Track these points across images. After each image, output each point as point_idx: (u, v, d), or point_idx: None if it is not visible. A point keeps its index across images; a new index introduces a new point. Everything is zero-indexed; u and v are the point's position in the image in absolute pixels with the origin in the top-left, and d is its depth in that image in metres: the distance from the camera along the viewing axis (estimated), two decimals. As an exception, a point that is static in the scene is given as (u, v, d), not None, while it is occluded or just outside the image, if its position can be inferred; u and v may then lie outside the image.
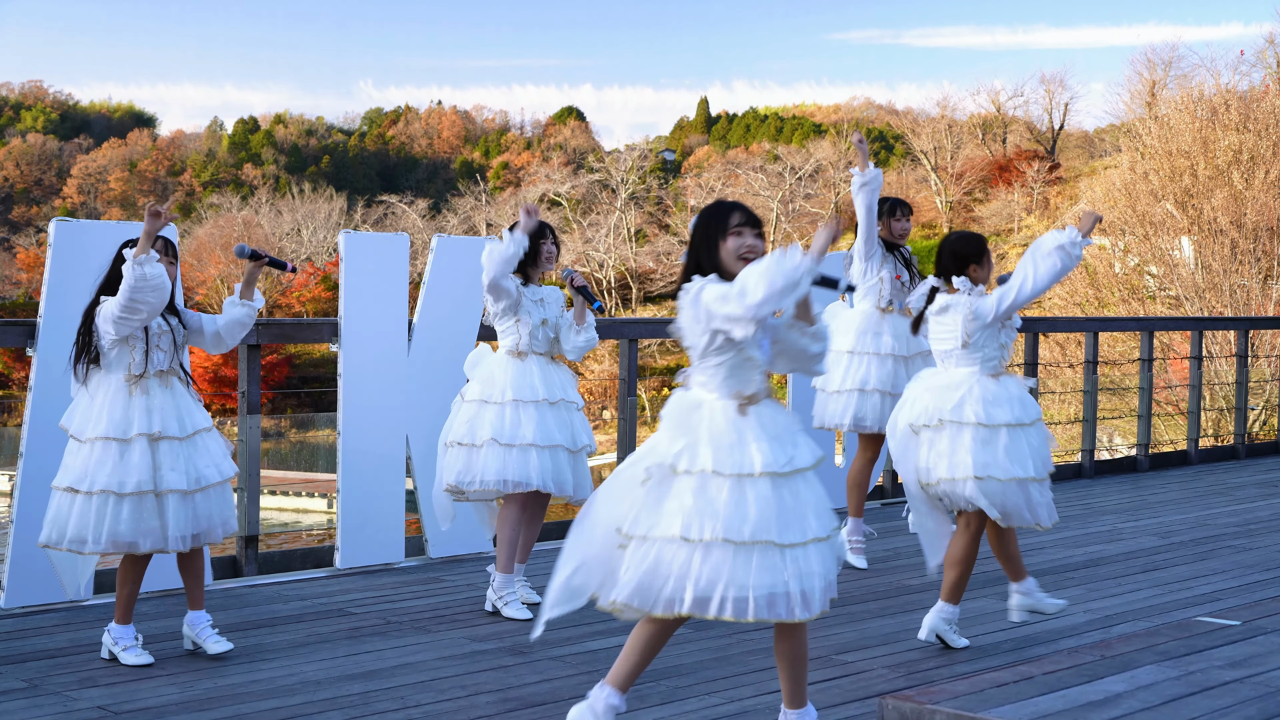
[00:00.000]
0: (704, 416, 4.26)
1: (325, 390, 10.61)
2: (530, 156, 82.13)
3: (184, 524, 5.62)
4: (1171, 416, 21.95)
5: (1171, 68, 51.03)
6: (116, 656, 5.68)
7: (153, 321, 5.65)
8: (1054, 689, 4.36)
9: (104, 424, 5.56)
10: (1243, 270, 26.06)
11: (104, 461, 5.54)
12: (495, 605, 6.66)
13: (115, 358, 5.63)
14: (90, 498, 5.53)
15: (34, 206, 76.92)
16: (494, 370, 6.69)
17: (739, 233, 4.33)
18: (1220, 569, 7.95)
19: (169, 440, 5.63)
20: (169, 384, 5.71)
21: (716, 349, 4.23)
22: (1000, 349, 5.94)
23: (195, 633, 5.81)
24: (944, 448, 5.80)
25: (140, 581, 5.76)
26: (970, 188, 65.13)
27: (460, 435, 6.64)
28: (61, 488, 5.61)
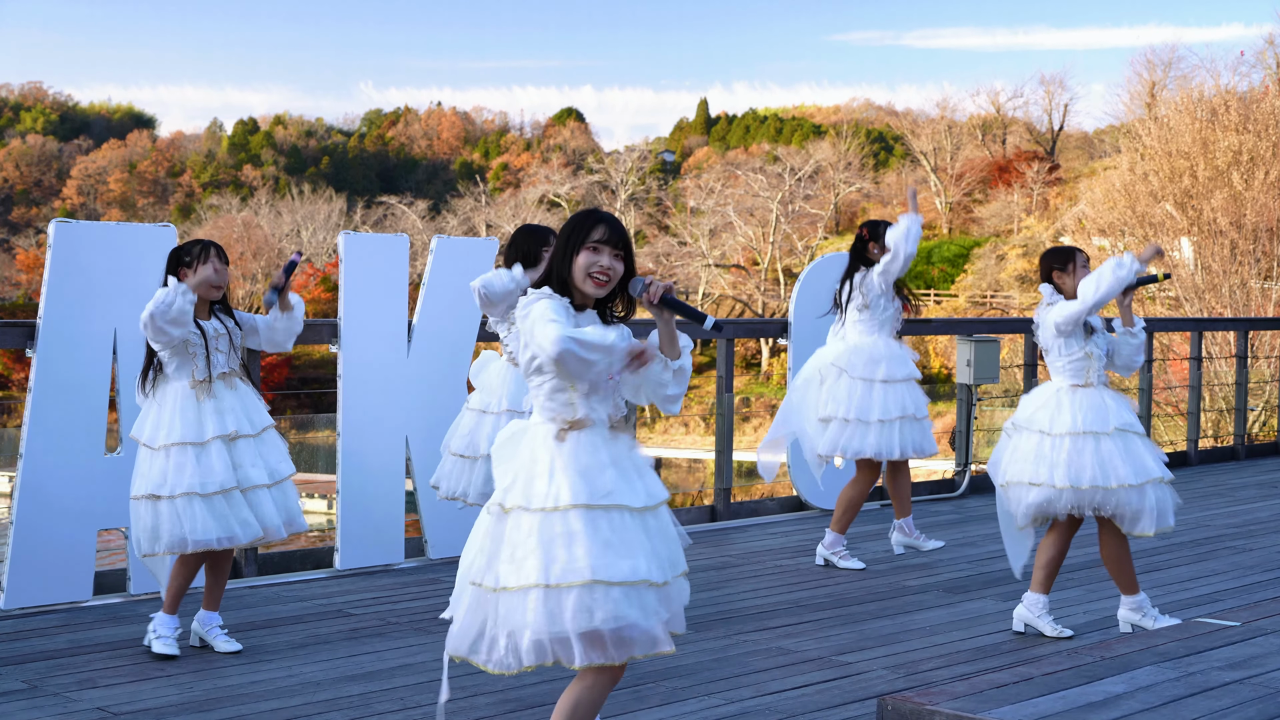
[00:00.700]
0: (524, 444, 3.93)
1: (325, 391, 10.61)
2: (530, 158, 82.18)
3: (272, 515, 5.79)
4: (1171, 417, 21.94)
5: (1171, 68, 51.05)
6: (150, 645, 5.78)
7: (209, 325, 5.77)
8: (1053, 690, 4.36)
9: (178, 430, 5.67)
10: (1242, 271, 26.07)
11: (183, 465, 5.64)
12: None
13: (178, 365, 5.73)
14: (174, 501, 5.62)
15: (33, 208, 76.95)
16: (493, 378, 6.69)
17: (596, 249, 3.89)
18: (1220, 570, 7.95)
19: (245, 439, 5.79)
20: (233, 385, 5.84)
21: (536, 369, 3.86)
22: (1085, 359, 6.18)
23: (205, 631, 5.91)
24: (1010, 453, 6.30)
25: (194, 577, 5.87)
26: (970, 189, 65.16)
27: (460, 446, 6.69)
28: (142, 496, 5.68)
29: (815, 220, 62.84)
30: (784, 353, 44.87)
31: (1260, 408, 21.36)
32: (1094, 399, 6.15)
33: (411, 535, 7.97)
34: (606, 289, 3.89)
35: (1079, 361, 6.16)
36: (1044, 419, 6.16)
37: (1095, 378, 6.19)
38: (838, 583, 7.50)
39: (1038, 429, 6.16)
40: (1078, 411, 6.12)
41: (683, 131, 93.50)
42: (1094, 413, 6.10)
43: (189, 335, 5.67)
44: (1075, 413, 6.11)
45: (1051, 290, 6.23)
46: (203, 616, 5.93)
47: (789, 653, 5.96)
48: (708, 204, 61.96)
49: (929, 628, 6.47)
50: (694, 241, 59.82)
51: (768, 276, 58.55)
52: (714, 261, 58.85)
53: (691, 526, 9.34)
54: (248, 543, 5.76)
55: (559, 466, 3.82)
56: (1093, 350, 6.15)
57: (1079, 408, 6.12)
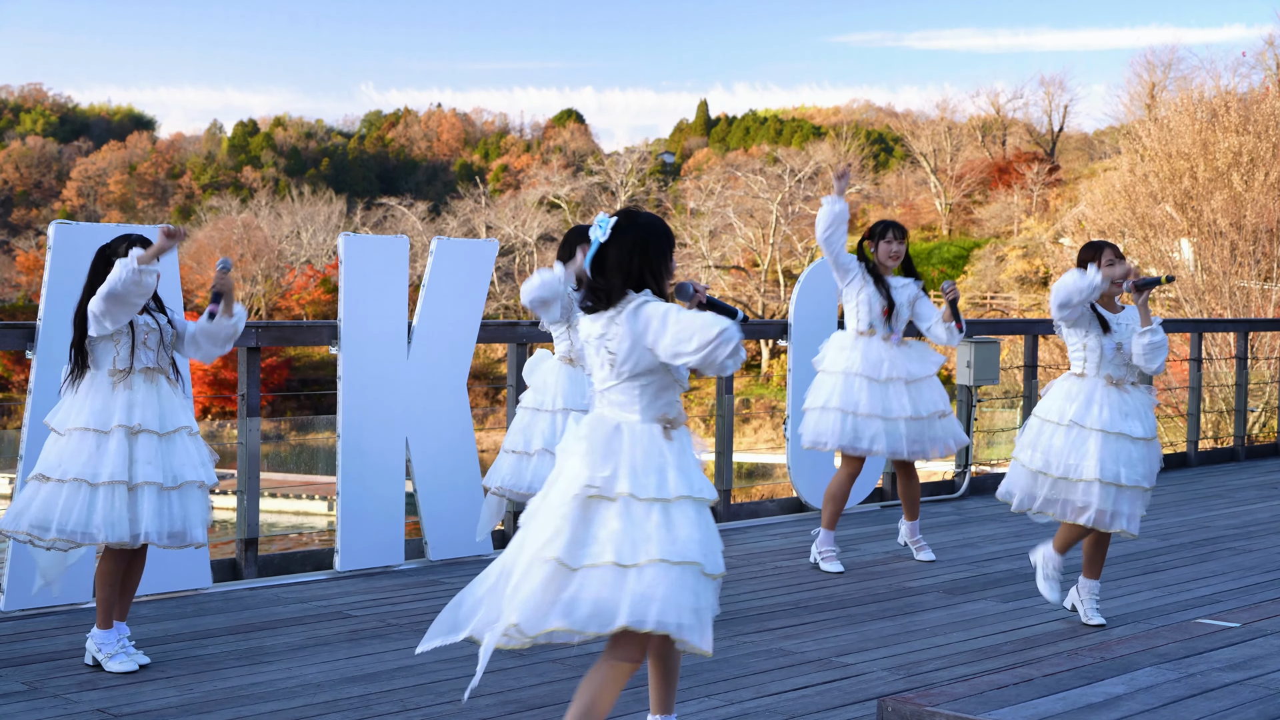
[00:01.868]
0: (626, 441, 4.11)
1: (325, 393, 10.61)
2: (530, 159, 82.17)
3: (154, 520, 5.51)
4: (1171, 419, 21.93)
5: (1171, 70, 51.09)
6: (101, 664, 5.58)
7: (140, 319, 5.63)
8: (1053, 691, 4.36)
9: (84, 416, 5.53)
10: (1242, 272, 26.06)
11: (79, 451, 5.49)
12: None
13: (100, 353, 5.60)
14: (61, 485, 5.46)
15: (33, 209, 76.92)
16: (547, 377, 6.75)
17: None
18: (1220, 571, 7.95)
19: (147, 434, 5.56)
20: (154, 381, 5.66)
21: (646, 370, 4.09)
22: (1082, 350, 6.42)
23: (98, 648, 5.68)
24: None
25: (119, 583, 5.64)
26: (970, 190, 65.15)
27: (514, 443, 6.80)
28: (32, 476, 5.57)
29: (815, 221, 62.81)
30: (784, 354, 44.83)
31: (1260, 409, 21.36)
32: (1077, 388, 6.40)
33: (411, 537, 7.97)
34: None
35: (1076, 352, 6.44)
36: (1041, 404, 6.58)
37: (1093, 369, 6.36)
38: (838, 584, 7.50)
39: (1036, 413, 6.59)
40: (1052, 400, 6.47)
41: (682, 133, 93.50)
42: (1062, 402, 6.40)
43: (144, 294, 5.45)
44: (1051, 400, 6.48)
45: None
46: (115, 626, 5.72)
47: (789, 654, 5.96)
48: (707, 205, 61.95)
49: (929, 629, 6.47)
50: (694, 243, 59.81)
51: (767, 278, 58.55)
52: (714, 263, 58.85)
53: (691, 528, 9.33)
54: (112, 543, 5.48)
55: (670, 463, 4.09)
56: (1089, 343, 6.38)
57: (1054, 396, 6.47)
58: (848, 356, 7.80)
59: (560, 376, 6.70)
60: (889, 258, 7.84)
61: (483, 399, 47.21)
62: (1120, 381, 6.37)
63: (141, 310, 5.64)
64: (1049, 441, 6.37)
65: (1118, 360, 6.35)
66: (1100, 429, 6.24)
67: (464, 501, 8.05)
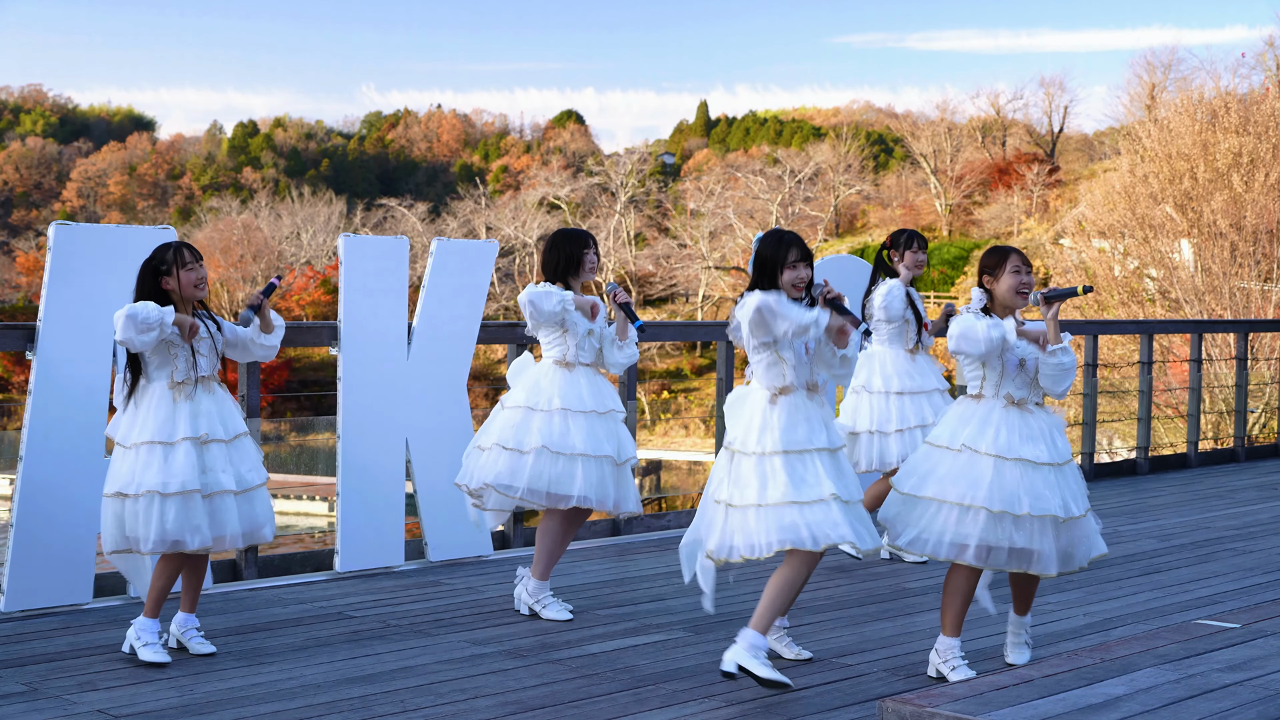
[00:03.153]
0: (747, 406, 5.42)
1: (325, 394, 10.63)
2: (530, 160, 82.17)
3: (233, 523, 5.74)
4: (1171, 419, 21.95)
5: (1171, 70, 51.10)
6: (136, 651, 5.72)
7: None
8: (1053, 692, 4.36)
9: (150, 429, 5.66)
10: (1242, 273, 26.06)
11: (149, 464, 5.63)
12: (531, 608, 6.69)
13: (158, 365, 5.71)
14: (137, 499, 5.61)
15: (33, 210, 76.95)
16: (540, 379, 6.66)
17: (794, 267, 5.37)
18: (1220, 572, 7.95)
19: (217, 443, 5.74)
20: (211, 389, 5.81)
21: (755, 349, 5.37)
22: (980, 368, 5.64)
23: (181, 633, 5.90)
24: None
25: (175, 579, 5.80)
26: (970, 191, 65.17)
27: (506, 439, 6.58)
28: (110, 494, 5.68)
29: (815, 222, 62.84)
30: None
31: (1260, 410, 21.37)
32: (971, 410, 5.60)
33: (411, 537, 7.97)
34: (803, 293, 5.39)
35: (974, 370, 5.64)
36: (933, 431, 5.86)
37: (990, 390, 5.57)
38: (838, 585, 7.50)
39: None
40: (944, 424, 5.69)
41: (682, 134, 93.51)
42: (955, 425, 5.61)
43: (171, 336, 5.65)
44: (943, 425, 5.70)
45: (981, 295, 5.58)
46: (180, 619, 5.91)
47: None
48: (707, 206, 61.96)
49: (929, 629, 6.47)
50: (694, 244, 59.83)
51: (768, 279, 58.49)
52: (714, 263, 58.86)
53: (691, 529, 9.33)
54: (196, 549, 5.66)
55: (770, 424, 5.33)
56: (989, 362, 5.56)
57: (947, 420, 5.70)
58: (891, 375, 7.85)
59: (555, 378, 6.66)
60: (918, 268, 7.88)
61: (483, 399, 47.23)
62: (1023, 402, 5.56)
63: (191, 316, 5.77)
64: (935, 467, 5.55)
65: (1020, 379, 5.54)
66: (996, 454, 5.45)
67: (464, 502, 8.03)
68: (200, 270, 5.74)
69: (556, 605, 6.64)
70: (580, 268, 6.65)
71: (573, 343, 6.63)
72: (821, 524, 5.22)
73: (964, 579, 5.57)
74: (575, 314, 6.59)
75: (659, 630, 6.43)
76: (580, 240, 6.66)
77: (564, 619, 6.58)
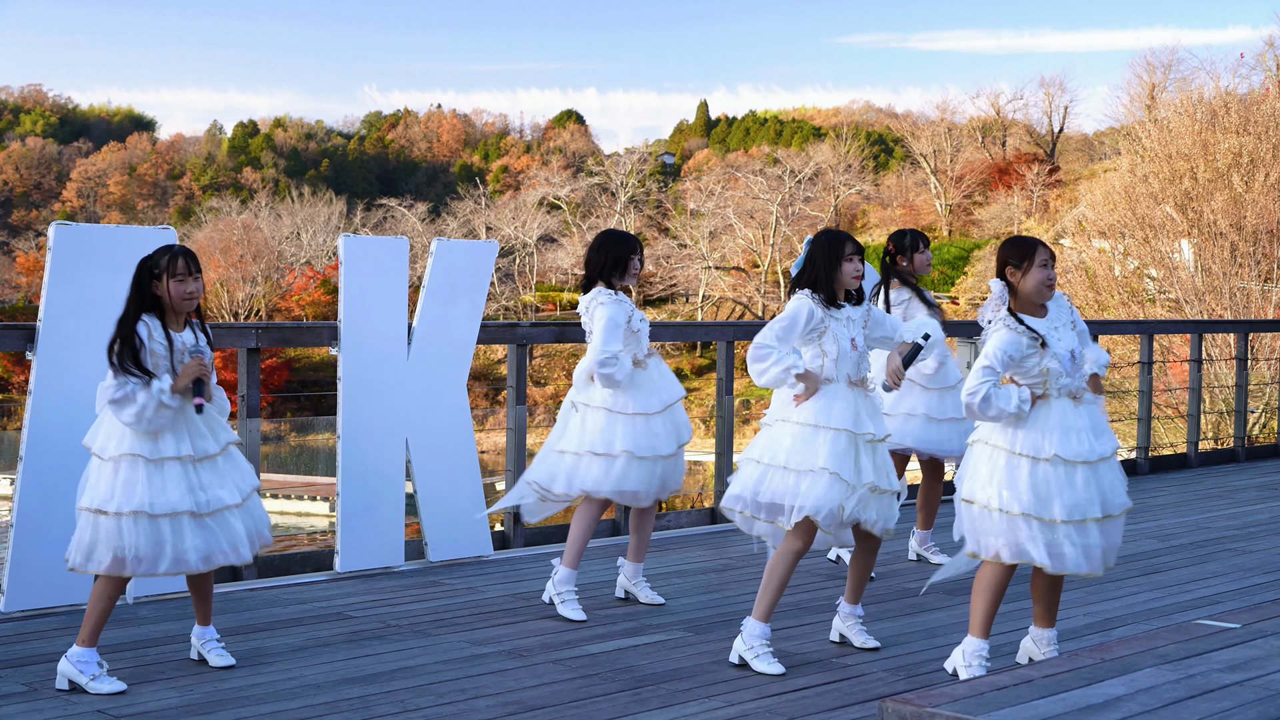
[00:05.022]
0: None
1: (325, 394, 10.63)
2: (530, 160, 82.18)
3: (238, 535, 5.51)
4: (1171, 419, 21.96)
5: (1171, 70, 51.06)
6: (82, 687, 5.31)
7: (179, 337, 5.49)
8: (1053, 692, 4.35)
9: (129, 441, 5.38)
10: (1242, 273, 26.06)
11: (132, 482, 5.34)
12: (552, 599, 6.75)
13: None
14: (118, 518, 5.32)
15: (33, 210, 76.96)
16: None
17: (850, 259, 5.72)
18: (1220, 572, 7.95)
19: (209, 459, 5.50)
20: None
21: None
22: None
23: (201, 645, 5.75)
24: None
25: (115, 601, 5.48)
26: (970, 191, 65.19)
27: (594, 445, 6.70)
28: (87, 509, 5.38)
29: (815, 222, 62.83)
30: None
31: (1260, 410, 21.37)
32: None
33: (411, 538, 7.97)
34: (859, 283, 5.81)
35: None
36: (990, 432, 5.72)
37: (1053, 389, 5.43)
38: (838, 585, 7.50)
39: None
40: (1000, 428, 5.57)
41: (682, 134, 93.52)
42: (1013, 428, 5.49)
43: (152, 347, 5.40)
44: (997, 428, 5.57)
45: (1002, 288, 5.42)
46: (198, 631, 5.75)
47: (789, 655, 5.96)
48: (707, 206, 61.95)
49: (929, 629, 6.47)
50: (694, 244, 59.82)
51: (768, 279, 58.56)
52: (714, 264, 58.85)
53: (692, 529, 9.33)
54: (202, 569, 5.42)
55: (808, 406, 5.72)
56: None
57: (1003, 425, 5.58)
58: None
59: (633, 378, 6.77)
60: (924, 268, 7.94)
61: (483, 400, 47.23)
62: (1079, 394, 5.43)
63: (183, 325, 5.54)
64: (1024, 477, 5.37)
65: (1074, 370, 5.39)
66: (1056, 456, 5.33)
67: (464, 503, 8.05)
68: (192, 284, 5.44)
69: (574, 604, 6.69)
70: (625, 271, 6.78)
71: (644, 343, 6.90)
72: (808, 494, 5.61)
73: (1000, 576, 5.48)
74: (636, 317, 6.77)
75: (659, 630, 6.43)
76: (628, 244, 6.80)
77: (577, 619, 6.60)
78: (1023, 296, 5.41)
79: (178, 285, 5.44)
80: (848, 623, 6.14)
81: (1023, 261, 5.36)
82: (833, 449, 5.62)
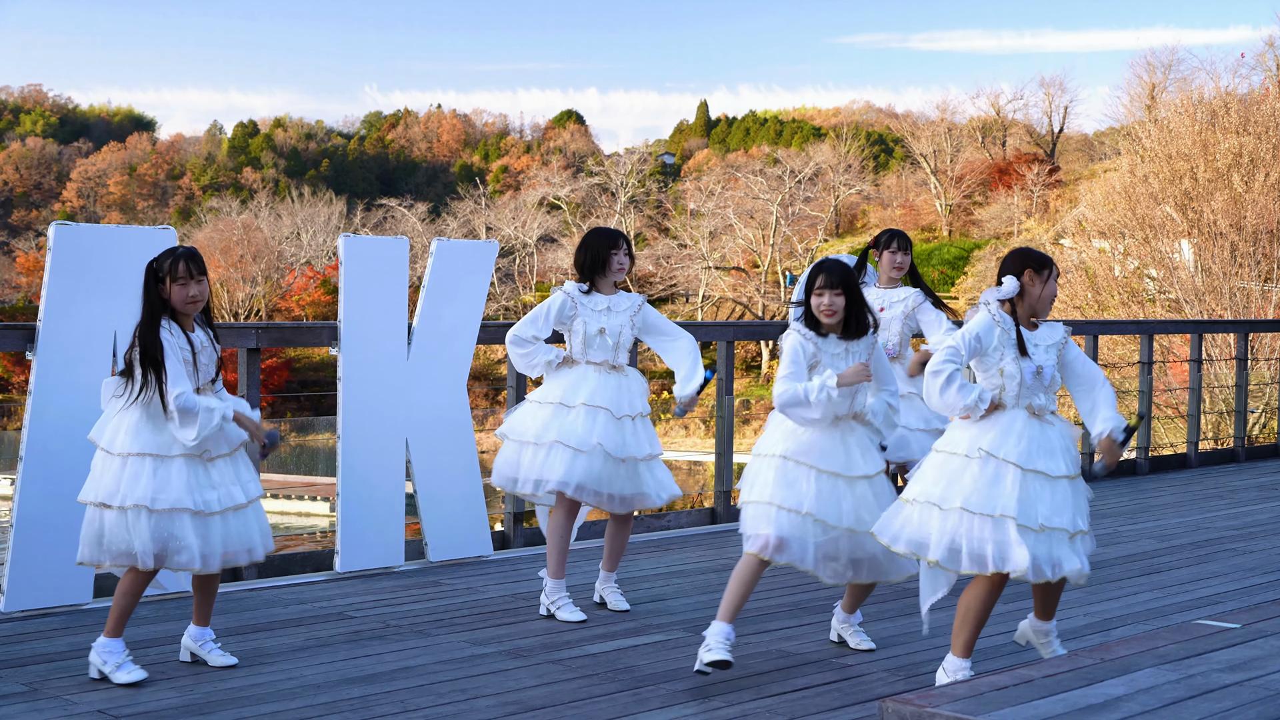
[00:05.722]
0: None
1: (325, 394, 10.63)
2: (530, 160, 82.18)
3: (250, 534, 5.54)
4: (1171, 420, 21.96)
5: (1171, 71, 51.10)
6: (107, 676, 5.44)
7: (195, 337, 5.53)
8: (1053, 692, 4.35)
9: (143, 439, 5.41)
10: (1243, 273, 26.07)
11: (138, 475, 5.38)
12: (549, 609, 6.72)
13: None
14: (123, 512, 5.37)
15: (33, 210, 76.98)
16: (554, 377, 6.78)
17: (820, 294, 5.57)
18: (1220, 572, 7.95)
19: (222, 458, 5.54)
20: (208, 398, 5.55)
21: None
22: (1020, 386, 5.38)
23: (197, 646, 5.73)
24: None
25: (139, 595, 5.55)
26: (970, 191, 65.17)
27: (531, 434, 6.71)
28: (92, 502, 5.44)
29: (815, 222, 62.83)
30: (784, 355, 44.41)
31: (1260, 410, 21.37)
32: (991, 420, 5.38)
33: (412, 538, 7.97)
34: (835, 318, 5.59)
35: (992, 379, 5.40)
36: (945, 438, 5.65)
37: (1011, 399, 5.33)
38: (837, 585, 7.48)
39: None
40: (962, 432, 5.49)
41: (682, 134, 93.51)
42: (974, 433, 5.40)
43: (182, 351, 5.44)
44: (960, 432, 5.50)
45: (1015, 288, 5.32)
46: (194, 632, 5.73)
47: (789, 655, 5.96)
48: (707, 206, 61.94)
49: (929, 630, 6.46)
50: (694, 244, 59.81)
51: (768, 279, 58.56)
52: (714, 264, 58.84)
53: (691, 529, 9.34)
54: (212, 569, 5.47)
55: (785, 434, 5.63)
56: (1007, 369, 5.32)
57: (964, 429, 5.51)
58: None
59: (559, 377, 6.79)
60: (892, 269, 7.67)
61: (483, 400, 47.20)
62: (1041, 411, 5.33)
63: (194, 325, 5.59)
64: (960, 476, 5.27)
65: (1037, 386, 5.31)
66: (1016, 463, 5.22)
67: (464, 502, 8.05)
68: (194, 287, 5.46)
69: (570, 607, 6.67)
70: (607, 268, 6.70)
71: (578, 341, 6.75)
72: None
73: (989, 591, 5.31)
74: (587, 311, 6.69)
75: (659, 630, 6.43)
76: (609, 240, 6.71)
77: (576, 620, 6.59)
78: (1028, 302, 5.38)
79: (180, 289, 5.47)
80: (844, 626, 6.15)
81: (1043, 269, 5.36)
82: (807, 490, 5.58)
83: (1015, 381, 5.28)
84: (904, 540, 5.30)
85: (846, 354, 5.64)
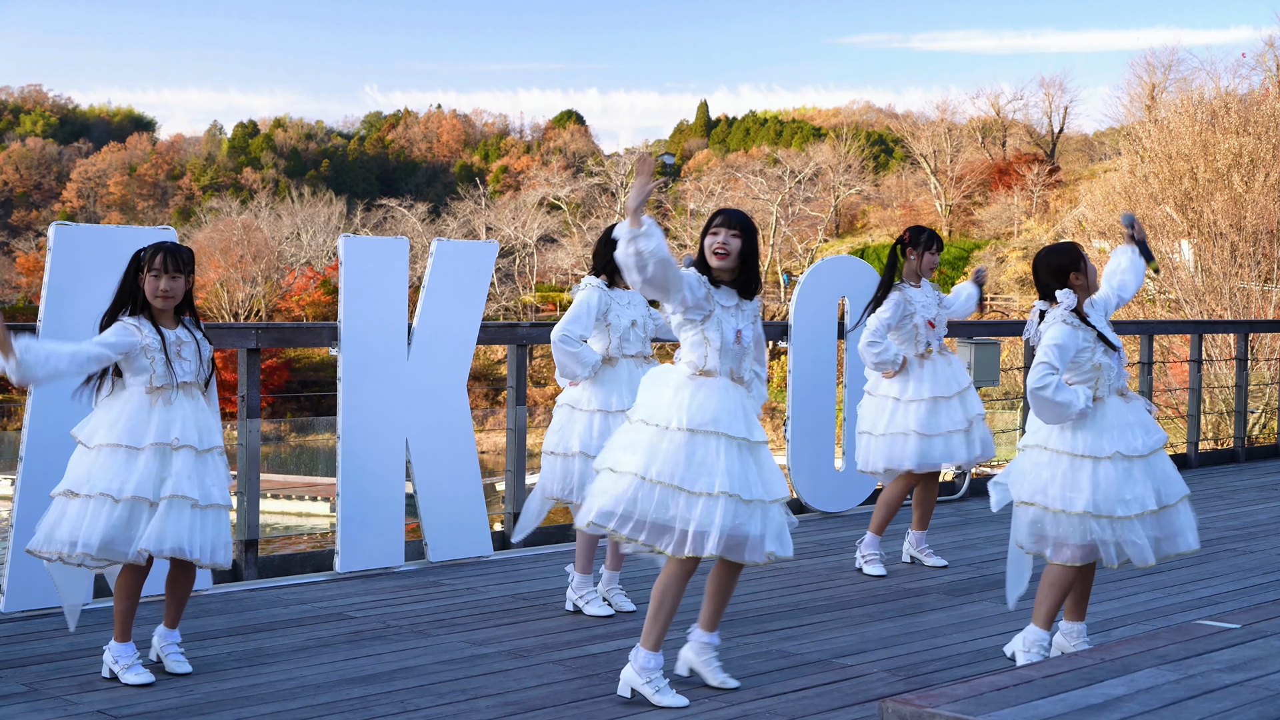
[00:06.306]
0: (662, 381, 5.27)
1: (325, 394, 10.62)
2: (530, 160, 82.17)
3: (183, 534, 5.39)
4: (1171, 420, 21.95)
5: (1171, 71, 51.05)
6: (117, 675, 5.46)
7: (170, 333, 5.50)
8: (1053, 692, 4.35)
9: (117, 431, 5.40)
10: (1243, 273, 26.07)
11: (109, 466, 5.37)
12: (575, 604, 6.75)
13: (133, 373, 5.47)
14: (87, 500, 5.35)
15: (33, 210, 76.95)
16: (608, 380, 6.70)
17: (715, 232, 5.21)
18: (1220, 572, 7.95)
19: (186, 449, 5.46)
20: (193, 395, 5.53)
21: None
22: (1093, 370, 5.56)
23: (160, 647, 5.68)
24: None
25: (138, 596, 5.56)
26: (970, 191, 65.15)
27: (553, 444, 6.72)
28: (59, 493, 5.46)
29: (815, 223, 62.84)
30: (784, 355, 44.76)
31: (1260, 410, 21.37)
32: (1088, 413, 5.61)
33: (411, 538, 7.97)
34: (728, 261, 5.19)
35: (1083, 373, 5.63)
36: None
37: (1105, 389, 5.58)
38: (838, 585, 7.50)
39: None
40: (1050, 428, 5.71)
41: (683, 134, 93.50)
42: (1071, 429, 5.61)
43: (144, 343, 5.42)
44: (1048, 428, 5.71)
45: (1073, 298, 5.52)
46: (161, 632, 5.69)
47: (789, 655, 5.96)
48: (707, 206, 61.95)
49: (929, 630, 6.47)
50: (694, 244, 59.81)
51: (767, 279, 58.57)
52: (714, 264, 58.78)
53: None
54: (134, 560, 5.40)
55: (682, 401, 5.08)
56: (1098, 361, 5.57)
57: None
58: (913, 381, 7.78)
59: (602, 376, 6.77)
60: (930, 269, 7.84)
61: (483, 400, 47.21)
62: (1124, 391, 5.59)
63: (175, 323, 5.56)
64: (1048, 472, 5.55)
65: (1120, 367, 5.56)
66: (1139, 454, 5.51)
67: (464, 503, 8.05)
68: (166, 281, 5.43)
69: (598, 602, 6.73)
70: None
71: (616, 336, 6.69)
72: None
73: (1070, 574, 5.63)
74: (618, 306, 6.65)
75: (659, 631, 6.42)
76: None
77: (604, 614, 6.66)
78: (1085, 297, 5.58)
79: (153, 280, 5.46)
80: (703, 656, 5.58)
81: (1079, 262, 5.57)
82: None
83: (1110, 370, 5.55)
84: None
85: (738, 310, 5.28)
